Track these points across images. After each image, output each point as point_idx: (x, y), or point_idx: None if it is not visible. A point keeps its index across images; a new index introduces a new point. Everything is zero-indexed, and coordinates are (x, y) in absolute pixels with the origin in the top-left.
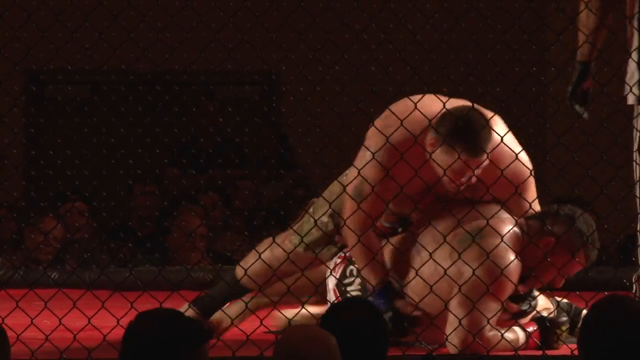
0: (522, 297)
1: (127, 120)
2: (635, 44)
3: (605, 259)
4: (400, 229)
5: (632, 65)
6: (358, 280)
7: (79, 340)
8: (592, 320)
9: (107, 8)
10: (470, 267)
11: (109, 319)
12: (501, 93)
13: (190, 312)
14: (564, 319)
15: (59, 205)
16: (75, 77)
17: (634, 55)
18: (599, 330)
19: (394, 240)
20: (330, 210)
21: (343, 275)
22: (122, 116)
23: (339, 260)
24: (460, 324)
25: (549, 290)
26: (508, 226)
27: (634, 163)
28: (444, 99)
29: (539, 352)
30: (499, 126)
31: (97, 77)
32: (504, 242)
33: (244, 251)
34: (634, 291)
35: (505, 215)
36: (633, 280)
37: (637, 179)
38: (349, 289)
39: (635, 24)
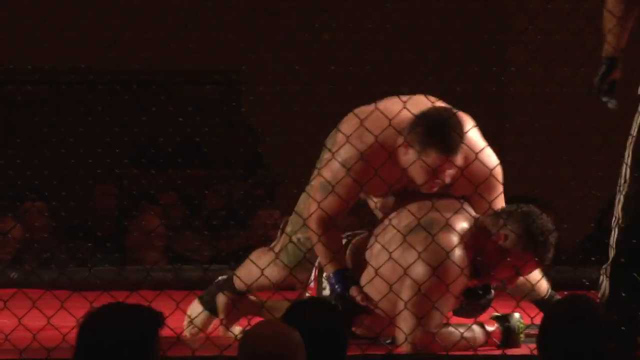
0: (477, 294)
1: (86, 120)
2: None
3: (565, 258)
4: None
5: None
6: None
7: (38, 340)
8: (550, 321)
9: (66, 8)
10: (418, 258)
11: (68, 318)
12: (461, 93)
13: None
14: (516, 316)
15: (18, 204)
16: (35, 76)
17: None
18: (557, 330)
19: (355, 241)
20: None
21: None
22: (82, 115)
23: None
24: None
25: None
26: (461, 221)
27: (624, 163)
28: (405, 99)
29: (498, 351)
30: (469, 125)
31: (56, 76)
32: (453, 235)
33: (203, 251)
34: (600, 282)
35: (461, 210)
36: (601, 272)
37: (625, 179)
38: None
39: None
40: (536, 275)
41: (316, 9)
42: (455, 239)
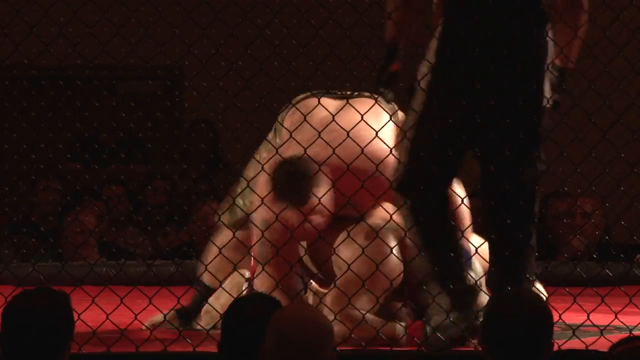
0: None
1: (29, 115)
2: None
3: None
4: None
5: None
6: None
7: None
8: (493, 314)
9: (8, 3)
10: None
11: None
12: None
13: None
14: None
15: None
16: None
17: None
18: (499, 324)
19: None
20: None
21: None
22: (25, 111)
23: None
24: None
25: None
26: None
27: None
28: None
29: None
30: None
31: None
32: None
33: (147, 246)
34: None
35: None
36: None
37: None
38: None
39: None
40: None
41: (259, 5)
42: None
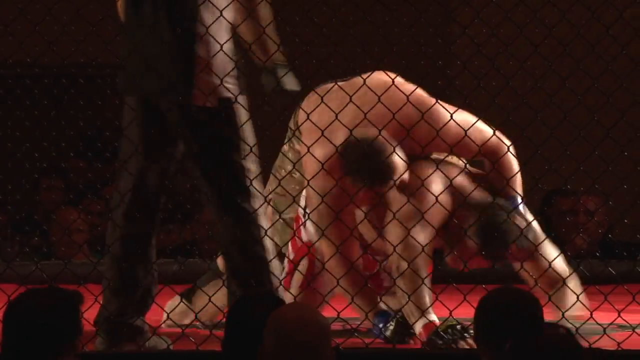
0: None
1: (32, 114)
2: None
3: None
4: None
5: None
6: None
7: None
8: (481, 312)
9: (12, 1)
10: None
11: None
12: None
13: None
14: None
15: None
16: None
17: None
18: (488, 321)
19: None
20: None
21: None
22: (28, 109)
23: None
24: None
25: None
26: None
27: None
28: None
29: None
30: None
31: (2, 70)
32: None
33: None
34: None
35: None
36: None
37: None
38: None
39: None
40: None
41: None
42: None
